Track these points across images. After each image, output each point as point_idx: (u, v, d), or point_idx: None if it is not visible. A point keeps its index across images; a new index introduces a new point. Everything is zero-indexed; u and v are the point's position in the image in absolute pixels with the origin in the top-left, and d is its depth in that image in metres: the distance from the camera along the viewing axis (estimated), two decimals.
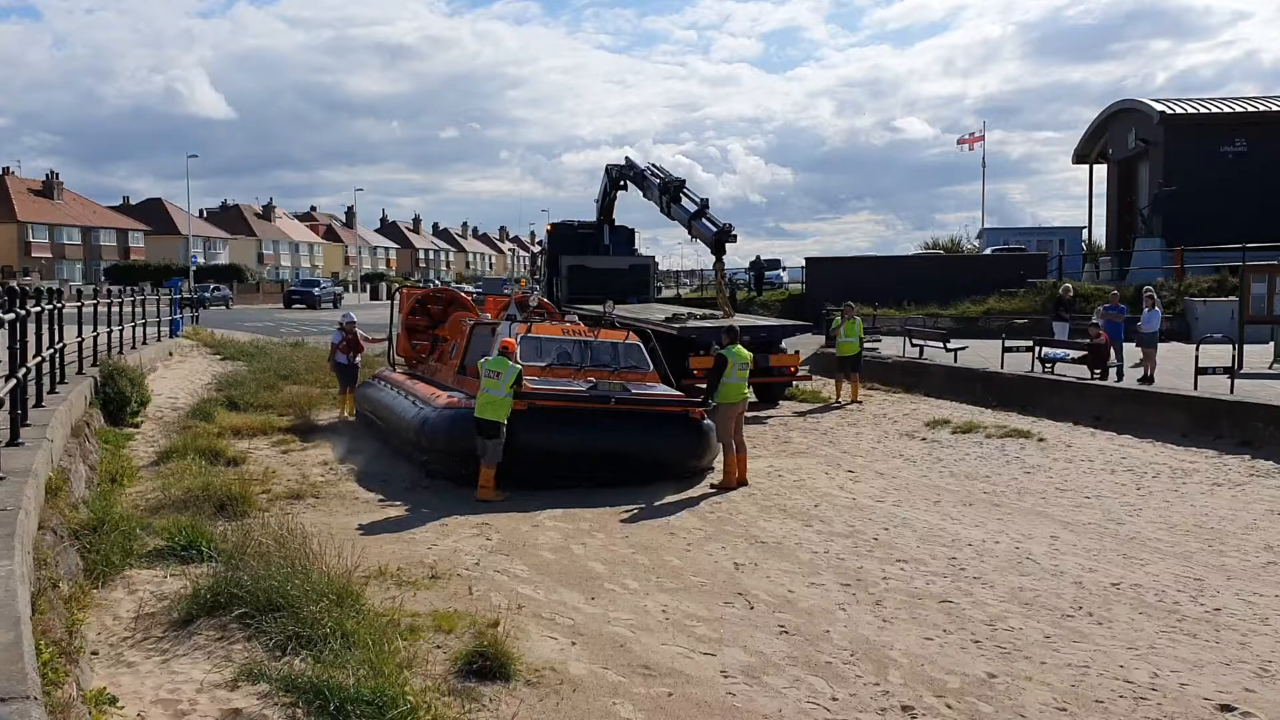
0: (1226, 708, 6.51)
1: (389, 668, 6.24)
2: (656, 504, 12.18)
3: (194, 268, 72.54)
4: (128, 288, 29.28)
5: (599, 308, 19.49)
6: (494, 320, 15.97)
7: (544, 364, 13.77)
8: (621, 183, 27.01)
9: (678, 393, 14.26)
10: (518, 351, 12.90)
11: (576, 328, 15.28)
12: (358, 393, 18.19)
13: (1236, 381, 17.06)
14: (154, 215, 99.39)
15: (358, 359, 19.06)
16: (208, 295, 60.15)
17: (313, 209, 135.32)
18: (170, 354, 25.87)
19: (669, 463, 13.34)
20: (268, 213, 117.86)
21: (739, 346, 13.53)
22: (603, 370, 13.98)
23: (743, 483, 13.16)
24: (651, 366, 14.56)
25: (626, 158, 26.60)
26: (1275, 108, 42.01)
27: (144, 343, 23.38)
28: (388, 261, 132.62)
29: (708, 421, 13.33)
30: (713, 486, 13.16)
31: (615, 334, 15.21)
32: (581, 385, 13.35)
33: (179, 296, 32.58)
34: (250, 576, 7.40)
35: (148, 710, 5.87)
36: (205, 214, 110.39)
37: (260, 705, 5.86)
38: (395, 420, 14.73)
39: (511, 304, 16.77)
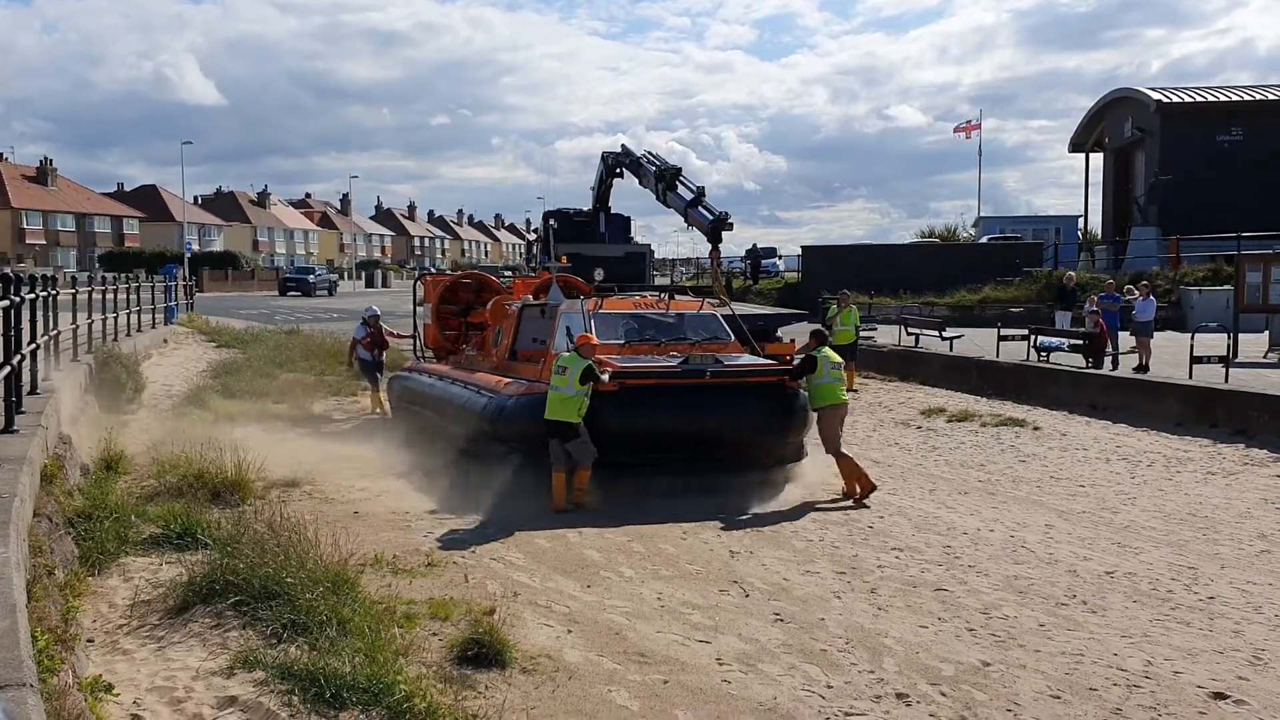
0: (1220, 695, 6.53)
1: (384, 655, 6.25)
2: (655, 494, 12.08)
3: (189, 255, 72.23)
4: (122, 275, 29.24)
5: None
6: (541, 301, 14.71)
7: (621, 341, 12.65)
8: (617, 170, 26.92)
9: (769, 360, 13.22)
10: (594, 340, 11.91)
11: (646, 300, 14.18)
12: (392, 386, 17.16)
13: (1231, 370, 17.12)
14: (149, 202, 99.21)
15: (383, 355, 18.31)
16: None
17: (307, 196, 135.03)
18: (165, 341, 25.84)
19: (766, 441, 12.22)
20: (262, 200, 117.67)
21: (827, 348, 12.56)
22: (682, 343, 12.86)
23: (871, 487, 12.04)
24: (733, 336, 13.49)
25: (623, 145, 26.54)
26: (1271, 96, 42.06)
27: (139, 330, 23.35)
28: (383, 249, 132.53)
29: (803, 393, 12.30)
30: (845, 496, 12.01)
31: (689, 304, 14.20)
32: (671, 360, 12.22)
33: (174, 283, 32.48)
34: (245, 564, 7.38)
35: (144, 698, 5.88)
36: (200, 201, 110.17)
37: (256, 692, 5.86)
38: (458, 412, 13.50)
39: (553, 285, 15.34)
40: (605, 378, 11.30)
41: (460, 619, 7.44)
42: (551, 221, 18.16)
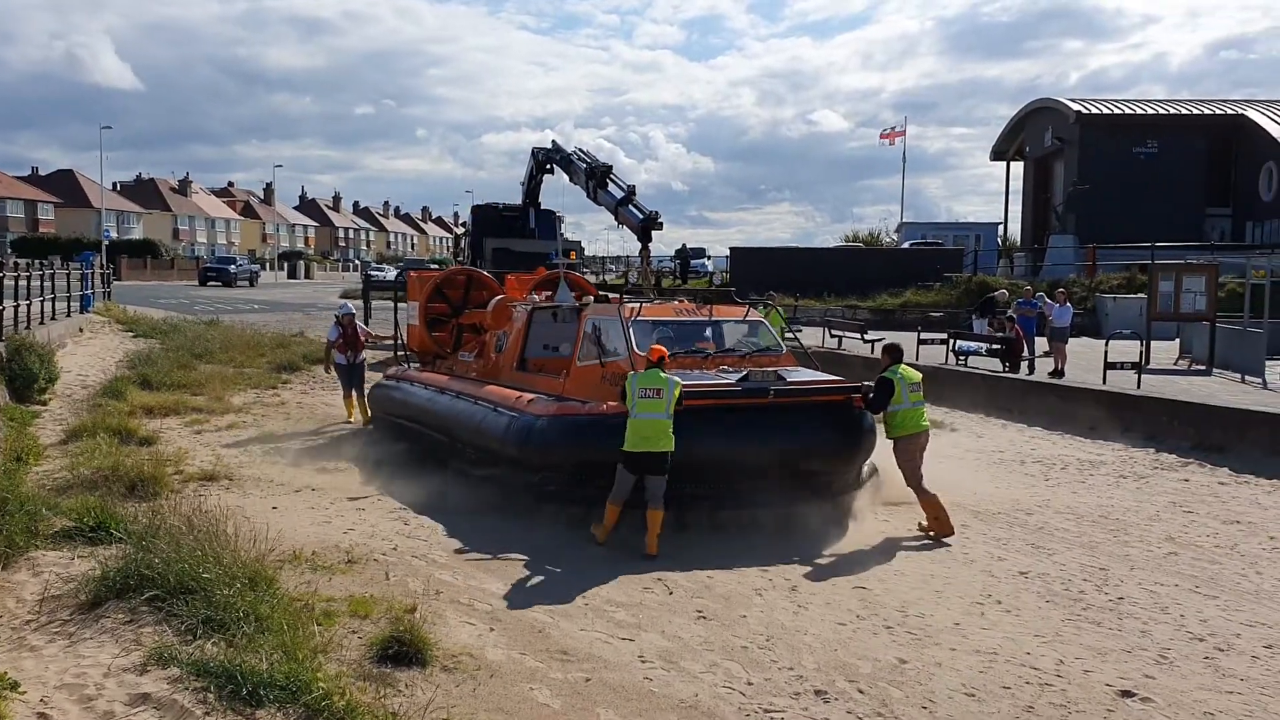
0: (1127, 694, 6.71)
1: (303, 652, 6.18)
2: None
3: (107, 242, 70.52)
4: (36, 261, 28.47)
5: None
6: (553, 304, 13.35)
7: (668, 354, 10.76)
8: (548, 166, 26.88)
9: (833, 376, 11.86)
10: (634, 343, 10.82)
11: (685, 306, 12.55)
12: (376, 395, 15.63)
13: (1144, 377, 17.57)
14: (65, 187, 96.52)
15: (360, 357, 16.91)
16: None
17: (230, 185, 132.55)
18: (81, 330, 25.23)
19: (834, 468, 10.88)
20: (184, 187, 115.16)
21: (905, 365, 11.10)
22: (731, 355, 11.53)
23: (949, 531, 10.54)
24: (785, 347, 12.23)
25: (553, 141, 26.49)
26: (1185, 111, 43.27)
27: (53, 318, 22.77)
28: (306, 240, 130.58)
29: (870, 415, 11.02)
30: (925, 531, 10.63)
31: (733, 310, 12.79)
32: (728, 377, 10.75)
33: (90, 270, 31.66)
34: (161, 559, 7.25)
35: (51, 695, 5.74)
36: (119, 187, 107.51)
37: (170, 690, 5.76)
38: (466, 430, 12.05)
39: (561, 283, 14.01)
40: None
41: (381, 617, 7.37)
42: (464, 234, 17.08)
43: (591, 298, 12.90)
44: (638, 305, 11.81)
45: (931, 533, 10.51)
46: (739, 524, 10.27)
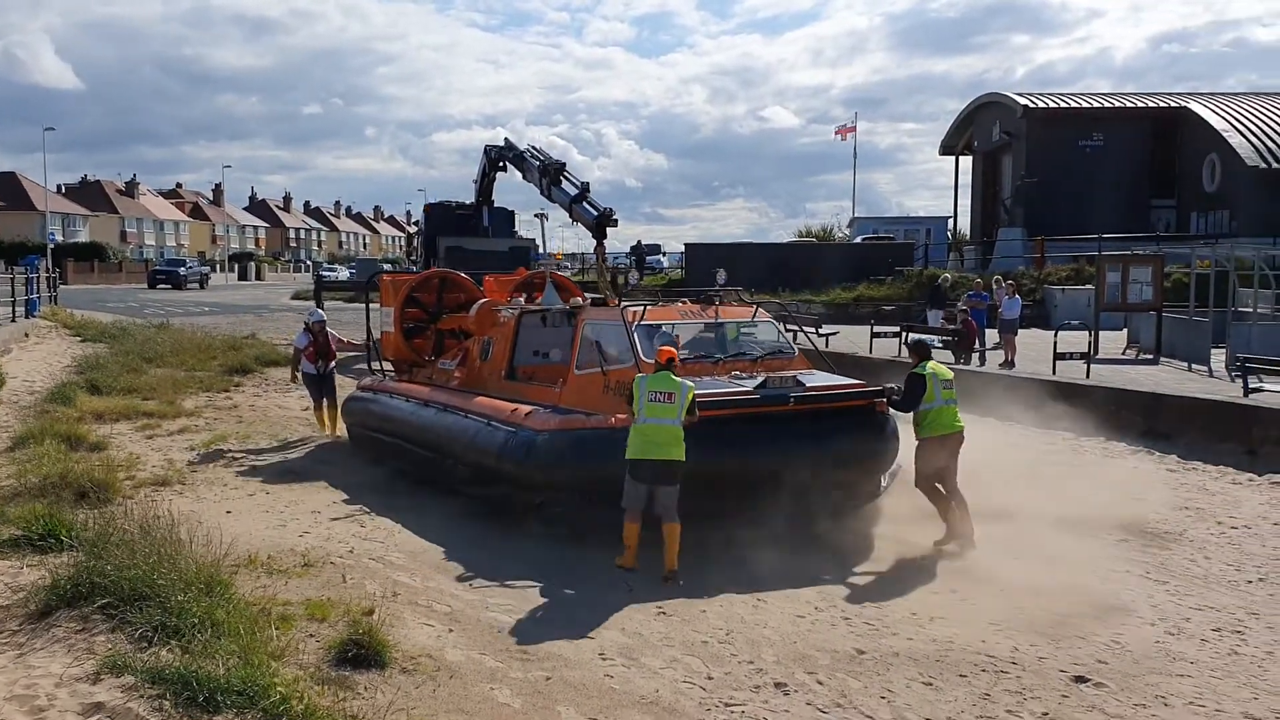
0: (1081, 679, 6.82)
1: (260, 657, 6.11)
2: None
3: (52, 245, 69.29)
4: None
5: None
6: (542, 307, 12.68)
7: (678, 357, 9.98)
8: (501, 164, 26.73)
9: (853, 380, 11.19)
10: (640, 349, 10.21)
11: (690, 308, 11.73)
12: (352, 408, 14.61)
13: (1092, 366, 17.82)
14: (7, 190, 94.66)
15: (331, 367, 15.77)
16: None
17: (179, 186, 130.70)
18: (26, 335, 24.80)
19: (855, 478, 10.31)
20: (131, 189, 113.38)
21: (935, 362, 10.49)
22: (742, 360, 10.94)
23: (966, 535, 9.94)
24: (796, 349, 11.70)
25: (506, 138, 26.34)
26: (1130, 104, 43.94)
27: None
28: (257, 240, 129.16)
29: (893, 417, 10.56)
30: (938, 545, 9.92)
31: (740, 310, 11.96)
32: (744, 383, 10.16)
33: (35, 275, 31.18)
34: (114, 565, 7.13)
35: (1, 707, 5.65)
36: (64, 190, 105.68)
37: (125, 698, 5.67)
38: (457, 446, 11.22)
39: (549, 286, 13.59)
40: None
41: (338, 620, 7.31)
42: (416, 233, 16.27)
43: (581, 300, 12.22)
44: (641, 308, 11.07)
45: (945, 543, 9.86)
46: (759, 541, 9.30)
